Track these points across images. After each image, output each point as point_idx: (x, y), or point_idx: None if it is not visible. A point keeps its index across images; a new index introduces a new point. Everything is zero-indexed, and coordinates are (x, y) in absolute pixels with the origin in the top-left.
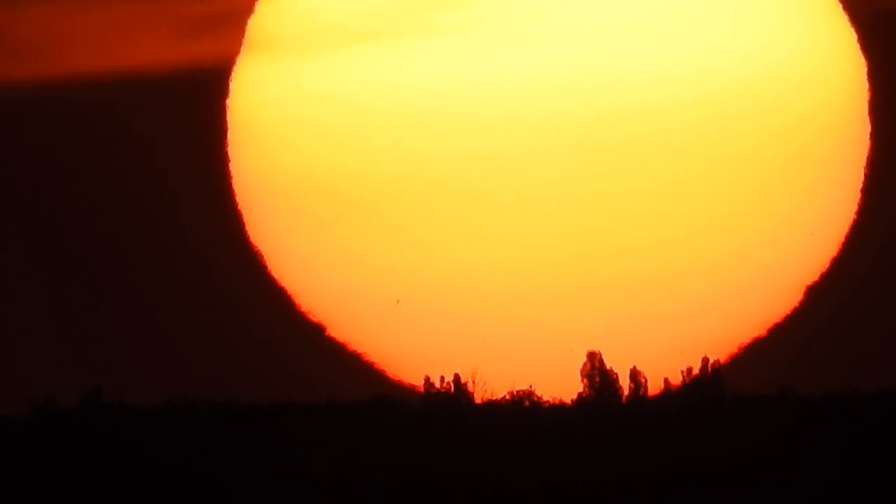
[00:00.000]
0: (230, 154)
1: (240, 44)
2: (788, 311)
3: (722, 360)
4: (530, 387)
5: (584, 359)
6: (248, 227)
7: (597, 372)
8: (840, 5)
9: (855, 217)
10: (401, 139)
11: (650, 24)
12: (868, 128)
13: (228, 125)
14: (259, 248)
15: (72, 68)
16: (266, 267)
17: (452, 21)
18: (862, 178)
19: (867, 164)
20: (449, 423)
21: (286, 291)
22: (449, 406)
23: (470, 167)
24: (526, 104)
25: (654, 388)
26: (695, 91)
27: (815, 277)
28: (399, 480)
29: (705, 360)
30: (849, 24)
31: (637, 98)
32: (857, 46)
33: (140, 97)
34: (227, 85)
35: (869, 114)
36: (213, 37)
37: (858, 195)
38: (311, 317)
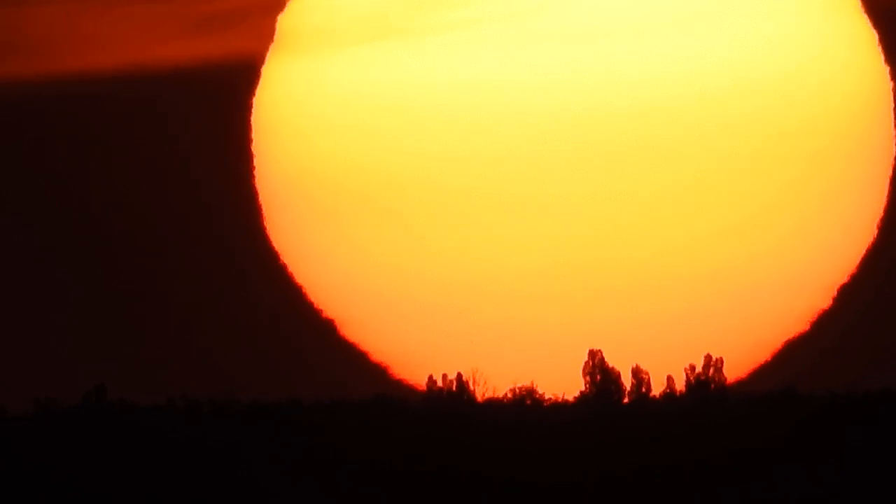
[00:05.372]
0: (254, 151)
1: (270, 41)
2: (802, 311)
3: (725, 359)
4: (532, 384)
5: (586, 357)
6: (266, 224)
7: (598, 370)
8: (860, 5)
9: (882, 217)
10: (413, 139)
11: (671, 24)
12: (892, 126)
13: (253, 122)
14: (275, 244)
15: (99, 65)
16: (283, 263)
17: (465, 17)
18: (889, 176)
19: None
20: (451, 421)
21: (301, 288)
22: (451, 404)
23: (475, 168)
24: (533, 103)
25: (657, 386)
26: (710, 90)
27: (845, 278)
28: (402, 477)
29: (708, 359)
30: (869, 24)
31: (655, 97)
32: (879, 46)
33: (165, 93)
34: (255, 82)
35: (894, 113)
36: (243, 33)
37: (885, 195)
38: (323, 314)
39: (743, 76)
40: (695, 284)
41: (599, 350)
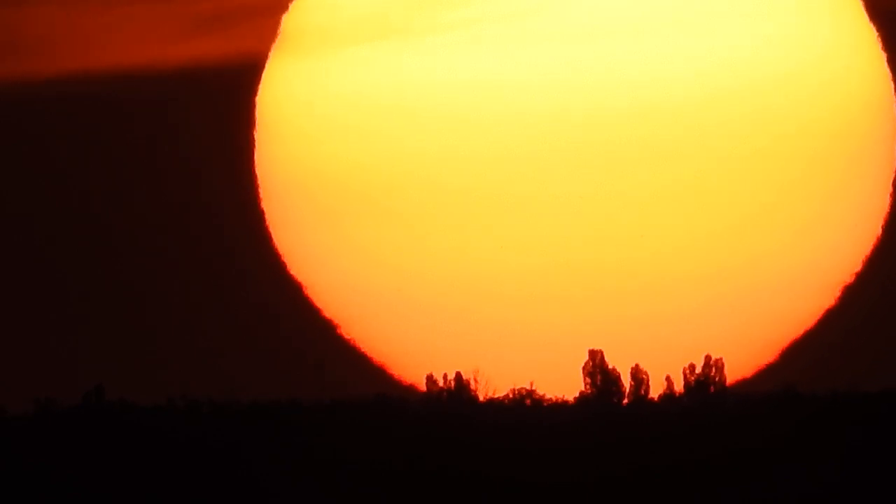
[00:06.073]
0: (256, 151)
1: (273, 41)
2: (803, 311)
3: (726, 359)
4: (531, 385)
5: (586, 357)
6: (267, 223)
7: (598, 370)
8: (862, 6)
9: (886, 217)
10: (413, 139)
11: (671, 24)
12: (895, 126)
13: (256, 122)
14: (276, 243)
15: (100, 65)
16: (283, 263)
17: (465, 17)
18: (892, 176)
19: None
20: (451, 421)
21: (302, 288)
22: (451, 404)
23: (475, 168)
24: (533, 103)
25: (657, 386)
26: (711, 90)
27: (848, 278)
28: (402, 477)
29: (708, 359)
30: (871, 24)
31: (655, 97)
32: (880, 47)
33: (167, 93)
34: (257, 82)
35: None
36: (246, 33)
37: (888, 195)
38: (323, 314)
39: (744, 76)
40: (696, 285)
41: (600, 350)
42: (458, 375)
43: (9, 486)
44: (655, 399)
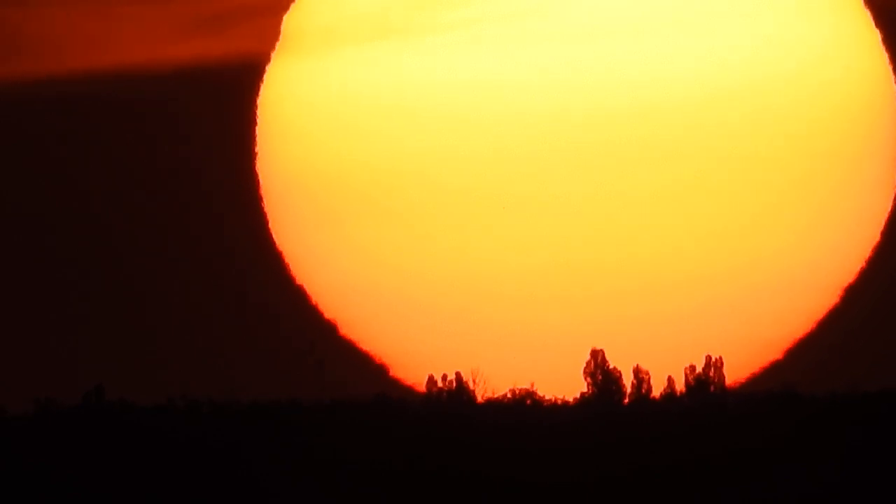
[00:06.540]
0: (257, 151)
1: (275, 41)
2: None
3: (727, 360)
4: (531, 385)
5: (588, 357)
6: (268, 224)
7: (599, 370)
8: (863, 5)
9: (888, 218)
10: (414, 139)
11: (671, 24)
12: None
13: (257, 121)
14: (277, 243)
15: (103, 65)
16: (284, 263)
17: (465, 17)
18: (894, 176)
19: None
20: (451, 421)
21: (302, 288)
22: (451, 404)
23: (475, 168)
24: (533, 103)
25: (657, 386)
26: (711, 90)
27: (848, 279)
28: (402, 477)
29: (708, 359)
30: (872, 23)
31: (655, 97)
32: (882, 46)
33: (169, 93)
34: (259, 82)
35: None
36: (247, 33)
37: (891, 196)
38: (324, 314)
39: (744, 76)
40: (697, 285)
41: (601, 350)
42: (459, 376)
43: (9, 486)
44: (656, 399)
